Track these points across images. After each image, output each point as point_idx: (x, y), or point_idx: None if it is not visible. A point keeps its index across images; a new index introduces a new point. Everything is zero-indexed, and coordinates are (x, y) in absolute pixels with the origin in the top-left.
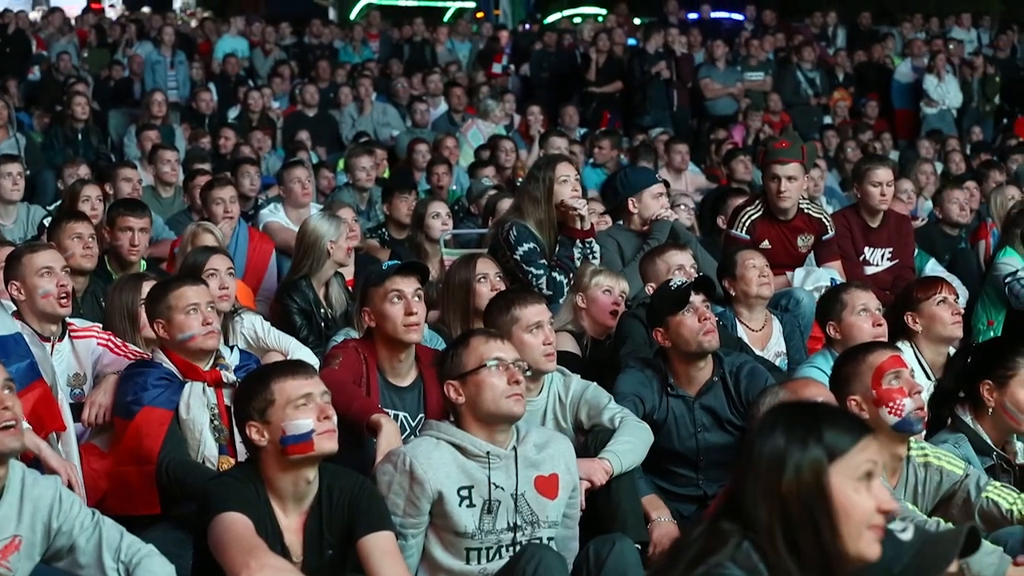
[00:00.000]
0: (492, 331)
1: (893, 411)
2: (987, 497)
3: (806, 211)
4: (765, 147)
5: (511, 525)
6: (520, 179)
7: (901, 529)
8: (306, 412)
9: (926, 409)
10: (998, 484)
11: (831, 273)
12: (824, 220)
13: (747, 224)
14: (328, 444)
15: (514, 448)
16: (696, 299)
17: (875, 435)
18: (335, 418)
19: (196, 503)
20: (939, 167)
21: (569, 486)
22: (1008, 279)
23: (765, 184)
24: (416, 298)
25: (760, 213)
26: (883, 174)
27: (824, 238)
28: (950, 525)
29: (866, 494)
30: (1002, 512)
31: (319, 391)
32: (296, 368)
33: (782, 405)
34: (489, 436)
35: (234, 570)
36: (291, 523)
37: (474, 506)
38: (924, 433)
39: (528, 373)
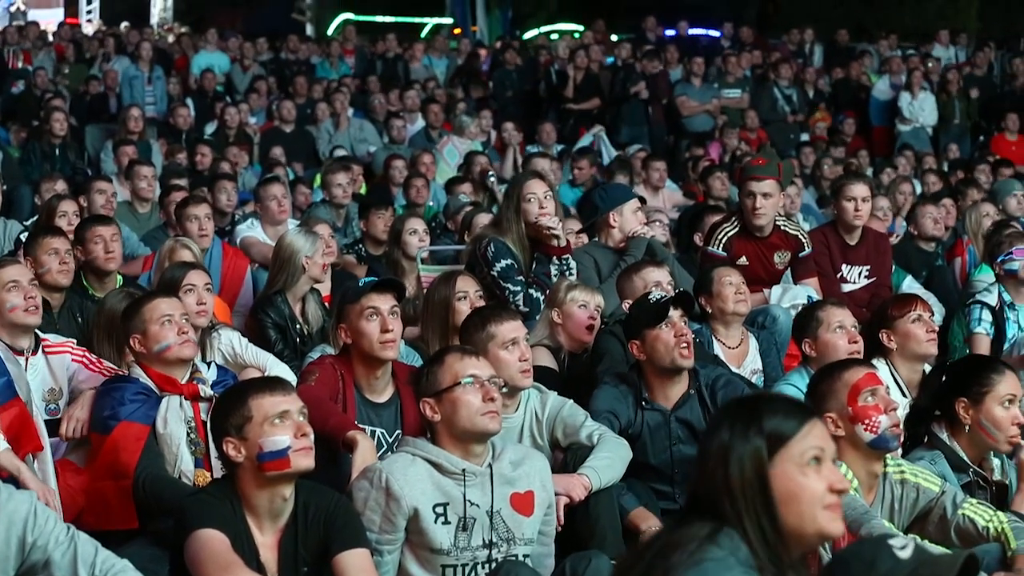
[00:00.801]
0: (467, 348)
1: (869, 428)
2: (963, 514)
3: (783, 228)
4: (742, 164)
5: (486, 542)
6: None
7: (901, 546)
8: (283, 429)
9: (902, 427)
10: (974, 501)
11: (807, 290)
12: (801, 237)
13: (723, 241)
14: (304, 461)
15: (489, 465)
16: (674, 314)
17: (820, 420)
18: (312, 435)
19: (173, 519)
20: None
21: (545, 503)
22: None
23: (741, 201)
24: (392, 315)
25: (736, 230)
26: (859, 190)
27: (801, 255)
28: (926, 542)
29: (815, 476)
30: (978, 529)
31: (296, 408)
32: (274, 385)
33: (730, 400)
34: (465, 453)
35: None
36: (267, 540)
37: (449, 523)
38: (900, 451)
39: (504, 390)
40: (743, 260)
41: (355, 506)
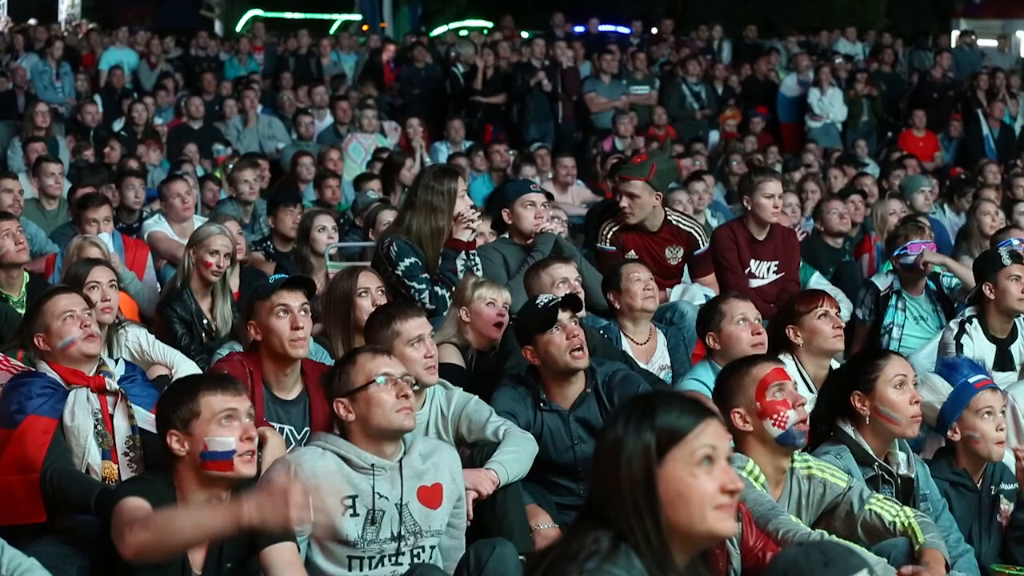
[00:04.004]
0: (378, 347)
1: (777, 423)
2: (870, 510)
3: (675, 223)
4: (617, 161)
5: (395, 535)
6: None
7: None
8: (230, 430)
9: (808, 423)
10: (881, 496)
11: (705, 291)
12: (694, 233)
13: (608, 236)
14: (247, 469)
15: (400, 460)
16: (564, 316)
17: (716, 420)
18: (256, 440)
19: (82, 513)
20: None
21: (454, 496)
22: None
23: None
24: (302, 312)
25: (621, 225)
26: (774, 187)
27: (696, 253)
28: (834, 537)
29: (706, 477)
30: (885, 524)
31: (245, 409)
32: (225, 384)
33: (627, 398)
34: (377, 449)
35: (118, 540)
36: None
37: (358, 515)
38: (806, 446)
39: (415, 387)
40: (631, 255)
41: None
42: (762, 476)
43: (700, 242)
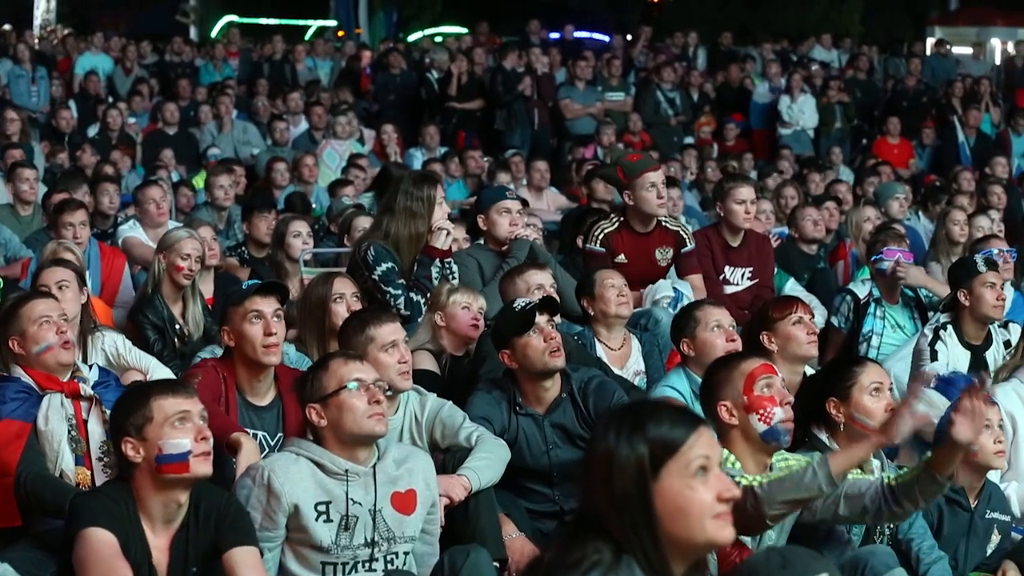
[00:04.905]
0: (350, 353)
1: (763, 418)
2: (785, 466)
3: (664, 224)
4: (622, 164)
5: (368, 541)
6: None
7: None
8: (184, 432)
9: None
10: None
11: (677, 284)
12: (681, 233)
13: (600, 237)
14: (203, 468)
15: (373, 466)
16: (541, 319)
17: (707, 427)
18: (211, 440)
19: (55, 517)
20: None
21: (428, 501)
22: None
23: (640, 195)
24: (276, 318)
25: (615, 227)
26: (746, 192)
27: (683, 251)
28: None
29: (702, 488)
30: (801, 472)
31: (197, 411)
32: (176, 387)
33: (615, 407)
34: (350, 455)
35: (80, 571)
36: (159, 542)
37: (331, 521)
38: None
39: (388, 392)
40: (622, 258)
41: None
42: (738, 463)
43: (686, 240)
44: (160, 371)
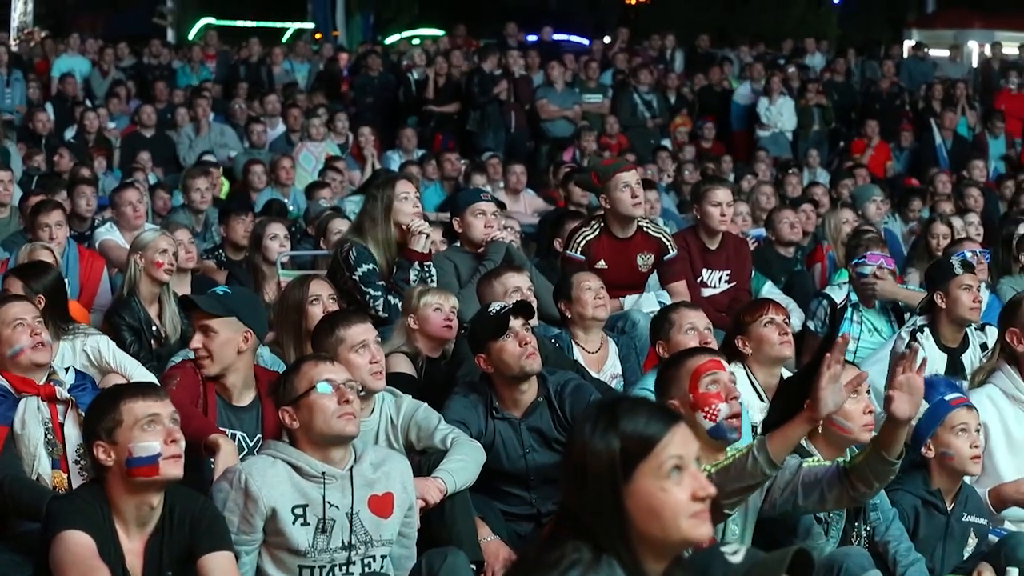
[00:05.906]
0: (322, 354)
1: (709, 416)
2: (805, 467)
3: (645, 230)
4: (595, 169)
5: (345, 544)
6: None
7: (732, 552)
8: (154, 434)
9: (759, 430)
10: (812, 459)
11: (662, 296)
12: (663, 239)
13: (582, 245)
14: (174, 470)
15: (351, 468)
16: (516, 323)
17: (682, 425)
18: (183, 443)
19: (33, 521)
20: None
21: (405, 504)
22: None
23: (615, 197)
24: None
25: (596, 234)
26: (722, 195)
27: (666, 258)
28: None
29: (676, 489)
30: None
31: (168, 413)
32: (147, 390)
33: (591, 405)
34: (325, 457)
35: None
36: (133, 545)
37: (308, 524)
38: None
39: (362, 393)
40: (602, 264)
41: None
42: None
43: (668, 247)
44: (141, 375)
